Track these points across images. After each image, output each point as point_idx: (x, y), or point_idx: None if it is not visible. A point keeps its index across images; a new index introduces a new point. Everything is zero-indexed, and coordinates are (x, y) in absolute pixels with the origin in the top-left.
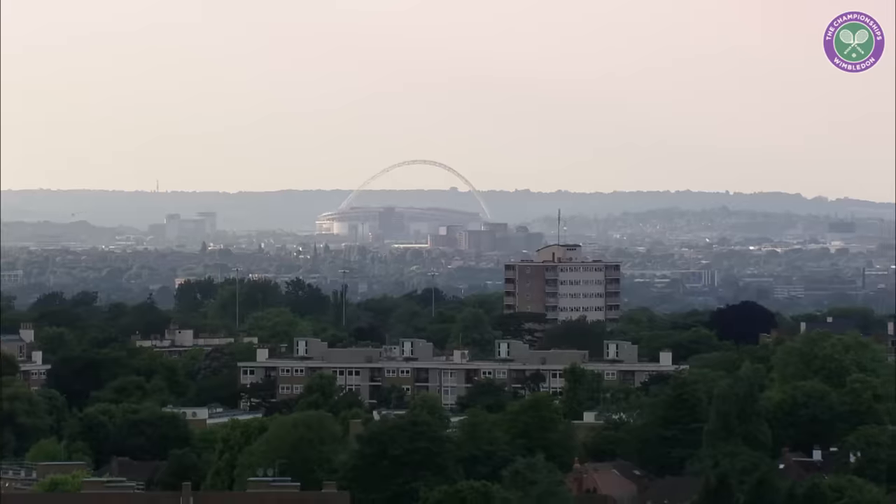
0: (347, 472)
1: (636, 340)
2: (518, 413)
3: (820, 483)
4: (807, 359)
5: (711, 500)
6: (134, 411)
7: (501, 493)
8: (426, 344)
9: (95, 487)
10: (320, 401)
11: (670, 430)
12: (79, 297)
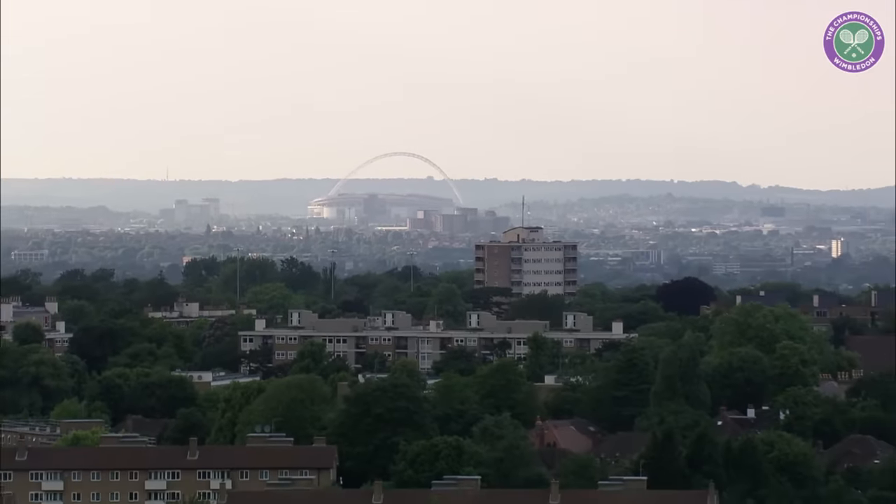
0: (335, 429)
1: (591, 312)
2: (487, 376)
3: (753, 438)
4: (742, 328)
5: (658, 452)
6: (146, 375)
7: (472, 446)
8: (405, 315)
9: (112, 442)
10: (311, 365)
11: (621, 391)
12: (97, 274)
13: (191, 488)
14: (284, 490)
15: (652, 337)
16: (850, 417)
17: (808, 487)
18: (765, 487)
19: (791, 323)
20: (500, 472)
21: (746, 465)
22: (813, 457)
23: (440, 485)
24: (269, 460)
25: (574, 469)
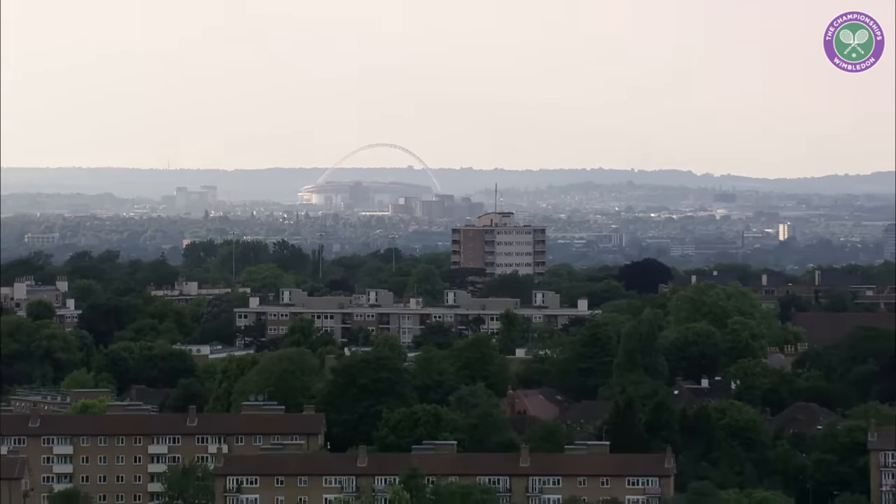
0: (323, 398)
1: (558, 290)
2: (462, 349)
3: (707, 406)
4: (696, 305)
5: (619, 419)
6: (149, 348)
7: (449, 414)
8: (388, 293)
9: (118, 410)
10: (301, 339)
11: (586, 363)
12: (104, 256)
13: (190, 452)
14: (276, 454)
15: (614, 313)
16: (795, 387)
17: (757, 451)
18: (717, 451)
19: (741, 300)
20: (474, 437)
21: (700, 431)
22: (761, 423)
23: (419, 449)
24: (262, 427)
25: (542, 434)
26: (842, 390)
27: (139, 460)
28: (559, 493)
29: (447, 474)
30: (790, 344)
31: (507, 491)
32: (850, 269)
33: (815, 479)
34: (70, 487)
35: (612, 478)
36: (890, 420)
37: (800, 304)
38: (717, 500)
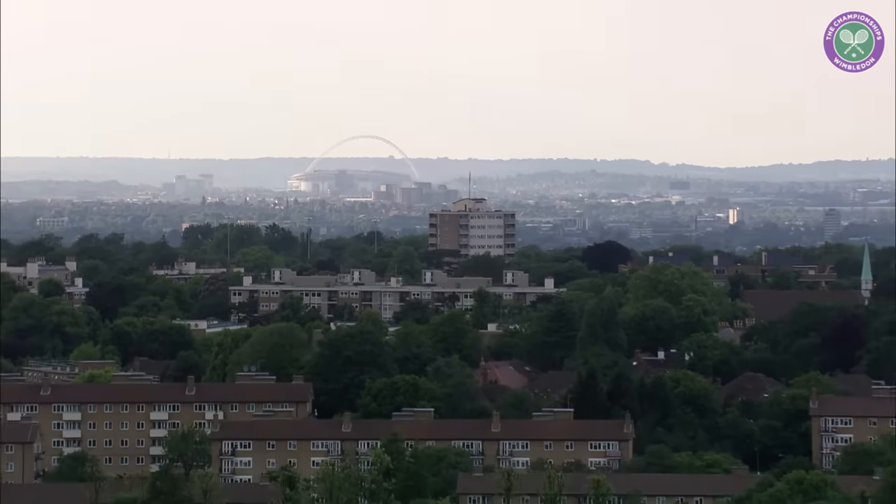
0: (311, 369)
1: (527, 270)
2: (439, 324)
3: (663, 376)
4: (653, 283)
5: (582, 388)
6: (151, 323)
7: (426, 383)
8: (370, 273)
9: (122, 379)
10: (291, 315)
11: (552, 337)
12: (110, 238)
13: (189, 419)
14: (268, 420)
15: (578, 291)
16: (743, 358)
17: (709, 417)
18: (672, 417)
19: (695, 279)
20: (450, 405)
21: (657, 399)
22: (713, 392)
23: (399, 416)
24: (254, 395)
25: (512, 402)
26: (786, 361)
27: (142, 426)
28: (527, 456)
29: (425, 439)
30: (739, 319)
31: (480, 454)
32: (794, 250)
33: (761, 442)
34: (78, 451)
35: (576, 442)
36: (830, 389)
37: (748, 282)
38: (672, 463)
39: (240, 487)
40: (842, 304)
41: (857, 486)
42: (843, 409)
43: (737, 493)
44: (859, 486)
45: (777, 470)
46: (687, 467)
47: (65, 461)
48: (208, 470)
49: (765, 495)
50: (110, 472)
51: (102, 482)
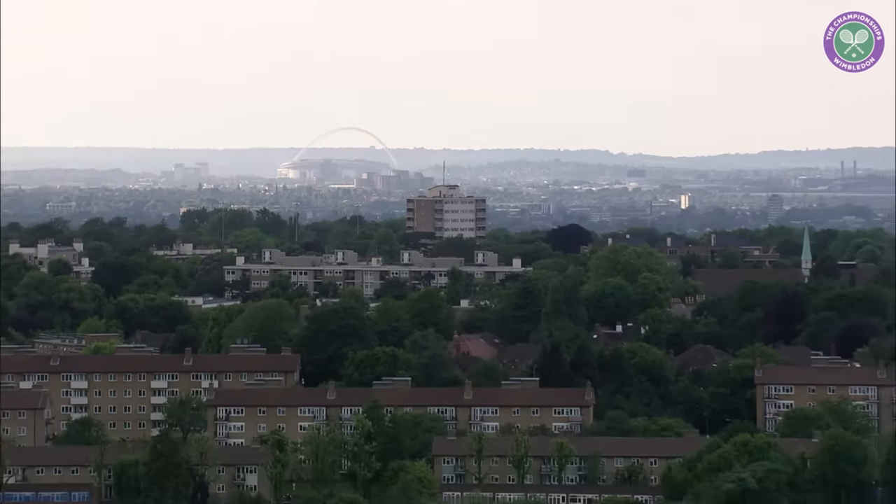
0: (298, 341)
1: (496, 251)
2: (416, 300)
3: (620, 347)
4: (612, 263)
5: (547, 359)
6: (152, 299)
7: (404, 355)
8: (353, 253)
9: (125, 351)
10: (280, 292)
11: (519, 312)
12: (114, 221)
13: (186, 387)
14: (259, 388)
15: (543, 270)
16: (694, 331)
17: (662, 385)
18: (629, 386)
19: (650, 259)
20: (426, 374)
21: (615, 369)
22: (666, 362)
23: (379, 384)
24: (246, 365)
25: (483, 372)
26: (733, 334)
27: (143, 393)
28: (496, 421)
29: (403, 405)
30: (690, 295)
31: (453, 419)
32: (740, 232)
33: (710, 408)
34: (85, 416)
35: (541, 408)
36: (773, 359)
37: (698, 262)
38: (629, 427)
39: (233, 450)
40: (784, 281)
41: (798, 447)
42: (785, 377)
43: (688, 454)
44: (799, 448)
45: (724, 433)
46: (642, 431)
47: (73, 426)
48: (204, 434)
49: (713, 456)
50: (114, 435)
51: (107, 445)
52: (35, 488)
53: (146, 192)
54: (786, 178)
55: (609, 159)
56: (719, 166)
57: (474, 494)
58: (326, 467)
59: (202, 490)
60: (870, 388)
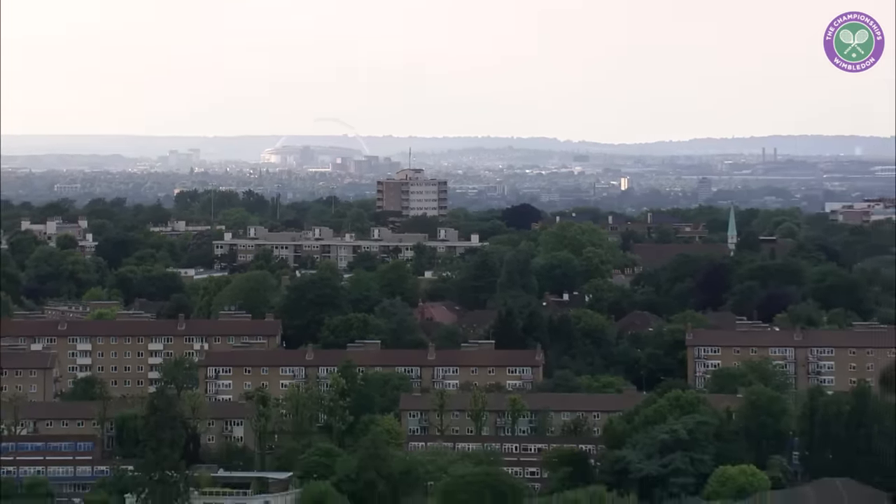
0: (280, 308)
1: (457, 227)
2: (385, 272)
3: (567, 314)
4: (560, 238)
5: (502, 324)
6: (149, 271)
7: (375, 320)
8: (328, 230)
9: (125, 317)
10: (263, 264)
11: (477, 282)
12: (114, 201)
13: (180, 349)
14: (244, 350)
15: (498, 245)
16: (633, 299)
17: (604, 347)
18: (575, 348)
19: (593, 235)
20: (394, 337)
21: (563, 333)
22: (608, 326)
23: (353, 346)
24: (234, 330)
25: (444, 335)
26: (667, 302)
27: (141, 355)
28: (457, 379)
29: (373, 365)
30: (629, 267)
31: (418, 378)
32: (673, 211)
33: (647, 367)
34: (89, 375)
35: (496, 368)
36: (702, 324)
37: (636, 237)
38: (575, 384)
39: (221, 405)
40: (712, 255)
41: (724, 402)
42: (713, 340)
43: (626, 408)
44: (725, 403)
45: (659, 390)
46: (586, 388)
47: (78, 384)
48: (196, 391)
49: (649, 410)
50: (116, 392)
51: (109, 401)
52: (44, 439)
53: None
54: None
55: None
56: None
57: (437, 445)
58: (305, 420)
59: (194, 441)
60: (787, 350)
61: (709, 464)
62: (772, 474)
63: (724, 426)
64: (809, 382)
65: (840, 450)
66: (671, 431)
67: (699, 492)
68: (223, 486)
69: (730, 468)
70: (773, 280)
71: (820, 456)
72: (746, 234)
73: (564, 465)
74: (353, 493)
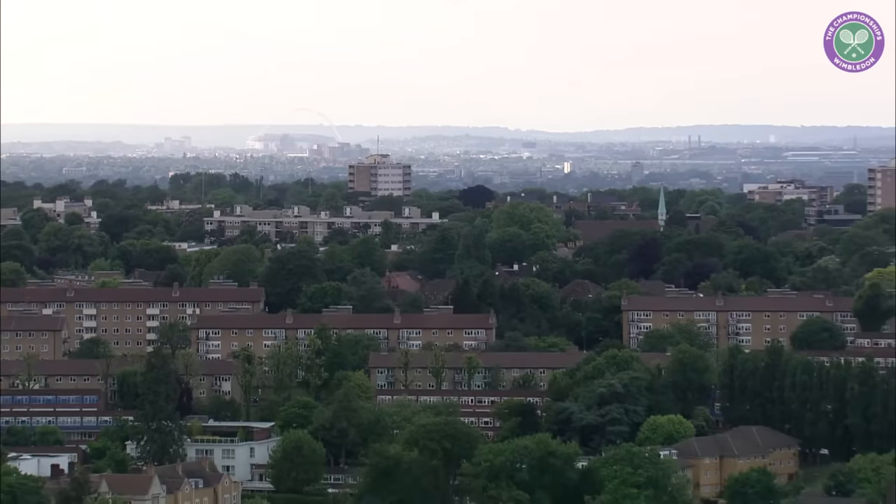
0: (263, 277)
1: (419, 206)
2: (356, 245)
3: (517, 282)
4: (511, 216)
5: (459, 291)
6: (147, 244)
7: (347, 288)
8: (306, 208)
9: (126, 285)
10: (248, 239)
11: (438, 255)
12: (116, 182)
13: (175, 313)
14: (231, 315)
15: (456, 222)
16: (575, 270)
17: (550, 311)
18: (524, 312)
19: (540, 213)
20: (363, 303)
21: (513, 299)
22: (553, 293)
23: (327, 311)
24: (222, 296)
25: (408, 301)
26: (605, 271)
27: (140, 318)
28: (419, 340)
29: (345, 328)
30: (571, 241)
31: (385, 339)
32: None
33: (587, 329)
34: (94, 336)
35: (454, 330)
36: (635, 291)
37: (577, 215)
38: (523, 344)
39: (211, 363)
40: (644, 230)
41: (654, 360)
42: (645, 305)
43: (569, 365)
44: (656, 361)
45: (598, 349)
46: (534, 347)
47: (84, 344)
48: (188, 350)
49: (589, 367)
50: (117, 351)
51: (112, 359)
52: (54, 392)
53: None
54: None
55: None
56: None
57: (402, 398)
58: (285, 376)
59: (187, 394)
60: (710, 314)
61: (641, 414)
62: (696, 423)
63: (655, 381)
64: (729, 342)
65: (756, 401)
66: (608, 386)
67: (633, 438)
68: (213, 435)
69: (659, 418)
70: (698, 252)
71: (738, 406)
72: (674, 212)
73: (514, 416)
74: (328, 440)
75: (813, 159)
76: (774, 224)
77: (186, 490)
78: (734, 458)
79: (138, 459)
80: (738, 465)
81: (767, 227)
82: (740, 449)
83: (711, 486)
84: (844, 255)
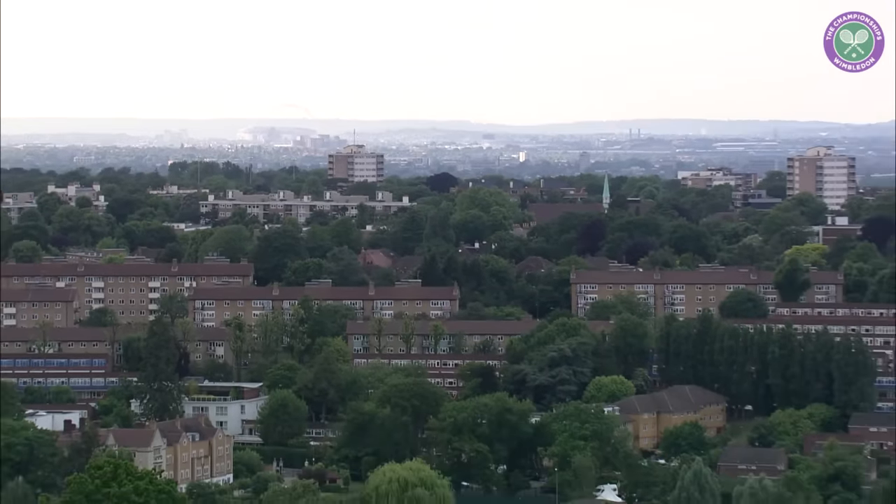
0: (252, 254)
1: (391, 191)
2: (335, 225)
3: (478, 258)
4: (473, 199)
5: (427, 267)
6: (149, 224)
7: (327, 264)
8: (291, 192)
9: (131, 261)
10: (239, 220)
11: (407, 234)
12: (121, 170)
13: (174, 286)
14: (224, 287)
15: (424, 205)
16: (530, 247)
17: (507, 284)
18: (483, 285)
19: (498, 197)
20: (342, 277)
21: (474, 273)
22: (510, 269)
23: (310, 284)
24: (216, 271)
25: (382, 275)
26: (556, 249)
27: (143, 291)
28: (391, 310)
29: (325, 299)
30: (526, 222)
31: (361, 309)
32: (560, 178)
33: (540, 300)
34: (102, 307)
35: (423, 301)
36: (583, 266)
37: (532, 199)
38: (484, 313)
39: (207, 330)
40: (590, 213)
41: (600, 327)
42: (591, 279)
43: (524, 332)
44: (601, 328)
45: (549, 317)
46: (493, 316)
47: (93, 313)
48: (186, 319)
49: (542, 333)
50: (123, 320)
51: (118, 327)
52: (67, 356)
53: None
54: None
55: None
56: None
57: (376, 361)
58: (272, 342)
59: (185, 358)
60: (649, 286)
61: (588, 375)
62: (636, 382)
63: (600, 346)
64: (665, 311)
65: (688, 363)
66: (559, 350)
67: (580, 397)
68: (208, 394)
69: (604, 378)
70: (638, 232)
71: (673, 368)
72: (617, 196)
73: (475, 377)
74: (310, 398)
75: (739, 149)
76: (705, 207)
77: (184, 443)
78: (669, 414)
79: (141, 416)
80: (673, 420)
81: (699, 210)
82: (675, 405)
83: (649, 438)
84: (766, 234)
